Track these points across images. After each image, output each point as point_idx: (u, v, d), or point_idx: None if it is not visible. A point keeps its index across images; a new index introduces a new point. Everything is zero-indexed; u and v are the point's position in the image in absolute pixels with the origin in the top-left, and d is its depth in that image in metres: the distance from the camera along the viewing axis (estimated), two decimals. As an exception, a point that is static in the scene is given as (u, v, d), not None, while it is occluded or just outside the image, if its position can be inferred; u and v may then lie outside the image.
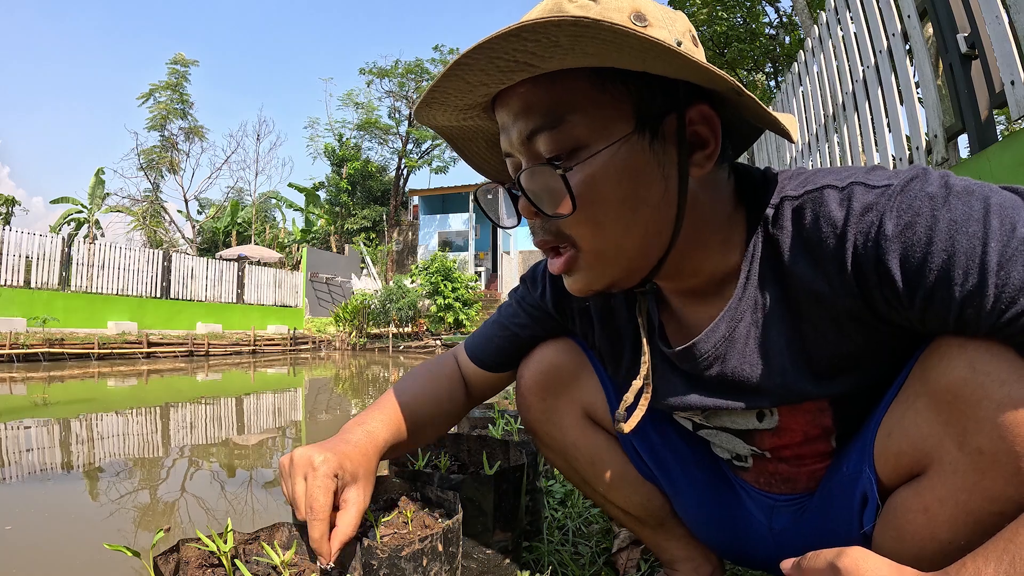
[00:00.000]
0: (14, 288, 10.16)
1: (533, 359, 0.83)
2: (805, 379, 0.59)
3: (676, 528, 0.86)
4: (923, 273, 0.45)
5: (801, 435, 0.66)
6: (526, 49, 0.46)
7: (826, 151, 4.05)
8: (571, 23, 0.43)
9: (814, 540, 0.69)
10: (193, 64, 24.09)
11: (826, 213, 0.52)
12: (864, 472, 0.58)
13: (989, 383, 0.43)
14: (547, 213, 0.55)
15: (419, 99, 0.57)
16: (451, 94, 0.55)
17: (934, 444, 0.48)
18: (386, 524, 0.80)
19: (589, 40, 0.44)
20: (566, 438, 0.83)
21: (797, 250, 0.55)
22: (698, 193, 0.57)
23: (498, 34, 0.45)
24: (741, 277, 0.59)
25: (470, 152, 0.69)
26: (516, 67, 0.49)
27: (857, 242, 0.49)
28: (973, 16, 2.21)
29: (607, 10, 0.50)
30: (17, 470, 2.64)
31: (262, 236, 25.26)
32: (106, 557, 1.58)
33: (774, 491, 0.72)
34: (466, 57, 0.48)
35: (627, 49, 0.45)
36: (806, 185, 0.55)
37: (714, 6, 13.91)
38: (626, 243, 0.56)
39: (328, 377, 8.25)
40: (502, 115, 0.56)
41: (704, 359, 0.63)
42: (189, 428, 3.94)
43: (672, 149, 0.54)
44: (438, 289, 14.35)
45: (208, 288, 14.05)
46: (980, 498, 0.44)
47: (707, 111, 0.54)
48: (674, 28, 0.53)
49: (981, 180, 0.48)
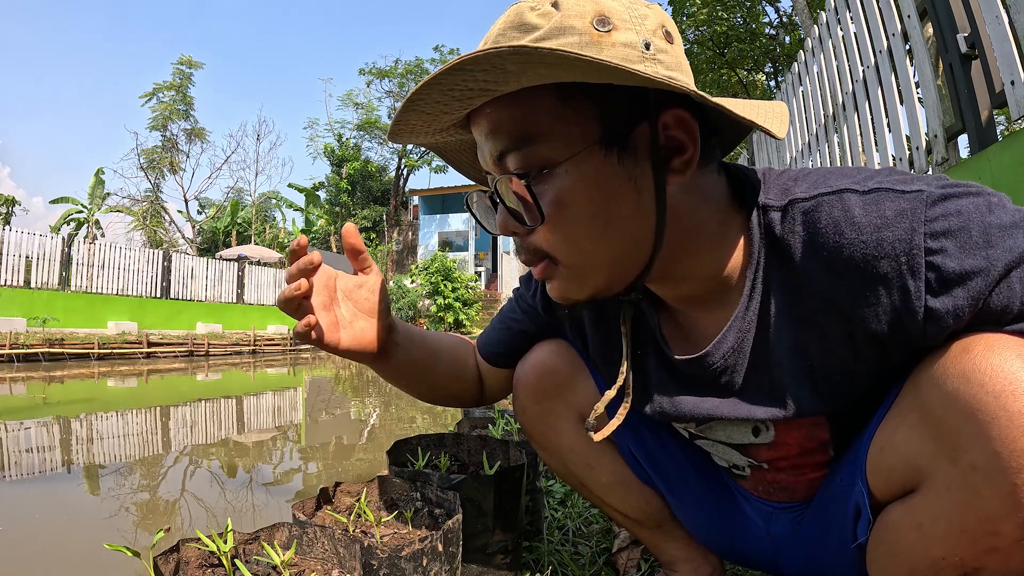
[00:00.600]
0: (14, 288, 10.16)
1: (528, 362, 0.82)
2: (805, 394, 0.57)
3: (675, 530, 0.85)
4: (971, 277, 0.45)
5: (797, 448, 0.65)
6: (476, 79, 0.46)
7: (826, 151, 4.05)
8: (511, 52, 0.42)
9: (812, 547, 0.69)
10: (199, 67, 24.13)
11: (848, 218, 0.49)
12: (857, 486, 0.57)
13: (983, 395, 0.41)
14: (519, 229, 0.56)
15: (390, 130, 0.58)
16: (416, 124, 0.56)
17: (927, 460, 0.46)
18: (386, 524, 0.80)
19: (536, 65, 0.44)
20: (562, 441, 0.83)
21: (811, 256, 0.52)
22: (681, 199, 0.55)
23: (442, 70, 0.46)
24: (747, 285, 0.57)
25: (458, 162, 0.68)
26: (473, 94, 0.49)
27: (892, 250, 0.47)
28: (973, 16, 2.21)
29: (568, 17, 0.48)
30: (17, 470, 2.64)
31: (262, 236, 25.25)
32: (106, 557, 1.58)
33: (773, 499, 0.72)
34: (417, 94, 0.49)
35: (578, 69, 0.44)
36: (819, 187, 0.53)
37: (714, 6, 13.90)
38: (600, 256, 0.55)
39: (328, 377, 8.25)
40: (475, 133, 0.56)
41: (712, 370, 0.61)
42: (189, 428, 3.94)
43: (645, 159, 0.52)
44: (438, 289, 14.35)
45: (208, 288, 14.05)
46: (975, 516, 0.42)
47: (681, 115, 0.52)
48: (643, 27, 0.50)
49: (981, 180, 0.48)
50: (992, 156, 2.04)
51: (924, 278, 0.46)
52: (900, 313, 0.48)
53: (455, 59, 0.45)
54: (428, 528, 0.78)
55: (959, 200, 0.46)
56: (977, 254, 0.45)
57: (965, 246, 0.45)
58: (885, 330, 0.50)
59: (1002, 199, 0.47)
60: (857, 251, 0.49)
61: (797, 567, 0.74)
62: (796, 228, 0.53)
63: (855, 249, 0.49)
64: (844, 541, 0.60)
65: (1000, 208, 0.46)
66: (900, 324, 0.49)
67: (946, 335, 0.47)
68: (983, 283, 0.44)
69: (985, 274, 0.44)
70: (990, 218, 0.45)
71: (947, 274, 0.45)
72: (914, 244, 0.46)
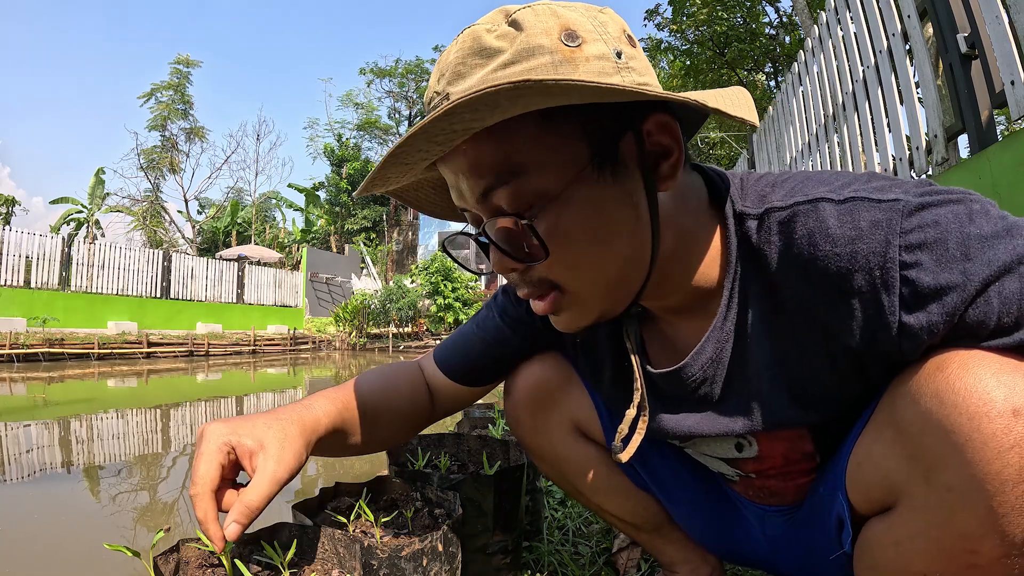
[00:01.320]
0: (14, 288, 10.16)
1: (522, 374, 0.81)
2: (784, 406, 0.56)
3: (673, 532, 0.86)
4: (947, 292, 0.43)
5: (782, 460, 0.65)
6: (463, 119, 0.44)
7: (826, 151, 4.05)
8: (511, 89, 0.40)
9: (805, 548, 0.69)
10: (196, 65, 24.15)
11: (823, 229, 0.48)
12: (838, 498, 0.56)
13: (956, 416, 0.40)
14: (520, 264, 0.53)
15: (360, 187, 0.55)
16: (391, 177, 0.53)
17: (902, 479, 0.45)
18: (386, 524, 0.80)
19: (533, 95, 0.42)
20: (557, 451, 0.82)
21: (787, 267, 0.51)
22: (670, 205, 0.54)
23: (432, 119, 0.43)
24: (724, 294, 0.56)
25: (417, 200, 0.65)
26: (455, 136, 0.46)
27: (866, 263, 0.45)
28: (973, 16, 2.21)
29: (533, 36, 0.45)
30: (17, 470, 2.64)
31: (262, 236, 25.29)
32: (106, 557, 1.58)
33: (764, 502, 0.72)
34: (401, 147, 0.46)
35: (577, 94, 0.42)
36: (795, 195, 0.51)
37: (714, 6, 13.91)
38: (607, 276, 0.53)
39: (328, 377, 8.25)
40: (446, 172, 0.53)
41: (691, 382, 0.61)
42: (189, 428, 3.94)
43: (635, 169, 0.50)
44: (438, 289, 14.36)
45: (208, 288, 14.05)
46: (952, 536, 0.42)
47: (663, 119, 0.50)
48: (608, 36, 0.48)
49: (981, 181, 0.47)
50: (992, 156, 2.04)
51: (899, 293, 0.44)
52: (874, 328, 0.47)
53: (446, 106, 0.42)
54: (428, 528, 0.78)
55: (937, 209, 0.44)
56: (954, 268, 0.43)
57: (941, 259, 0.43)
58: (860, 343, 0.48)
59: (985, 206, 0.45)
60: (831, 264, 0.47)
61: (793, 566, 0.75)
62: (772, 238, 0.52)
63: (829, 262, 0.47)
64: (832, 546, 0.60)
65: (982, 216, 0.44)
66: (874, 338, 0.47)
67: (922, 350, 0.46)
68: (959, 298, 0.42)
69: (961, 289, 0.42)
70: (969, 228, 0.43)
71: (922, 289, 0.43)
72: (888, 257, 0.44)
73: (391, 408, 0.79)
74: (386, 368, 0.83)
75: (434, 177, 0.60)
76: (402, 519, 0.82)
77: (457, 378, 0.81)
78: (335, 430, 0.70)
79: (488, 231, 0.52)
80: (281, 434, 0.60)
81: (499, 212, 0.50)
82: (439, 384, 0.83)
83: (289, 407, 0.67)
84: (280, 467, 0.58)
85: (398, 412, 0.80)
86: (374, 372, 0.82)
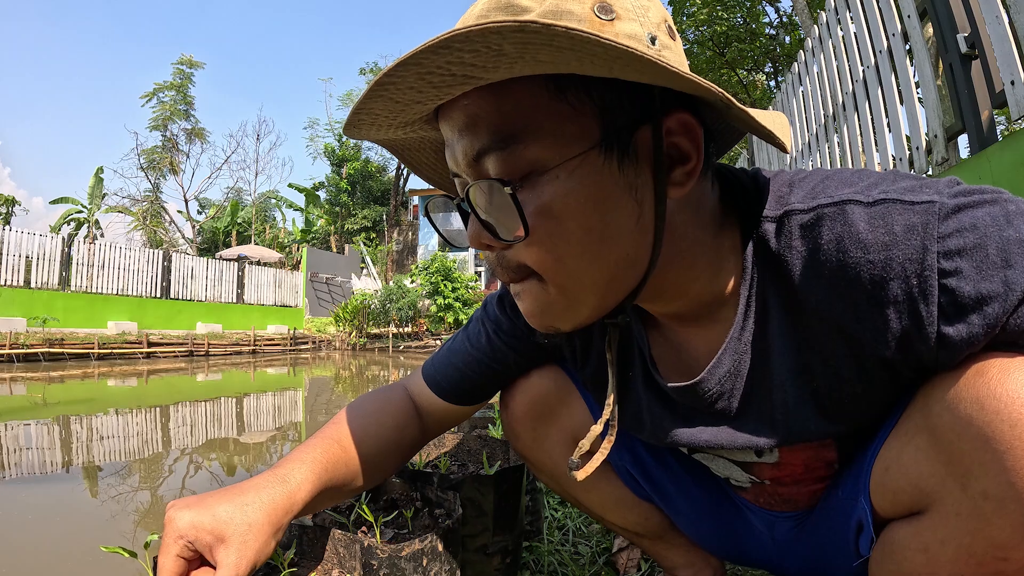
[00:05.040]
0: (14, 288, 10.15)
1: (520, 388, 0.79)
2: (810, 417, 0.54)
3: (675, 538, 0.85)
4: (988, 302, 0.41)
5: (803, 468, 0.63)
6: (463, 61, 0.38)
7: (826, 151, 4.05)
8: (515, 29, 0.35)
9: (815, 551, 0.68)
10: (199, 67, 24.16)
11: (853, 234, 0.44)
12: (860, 503, 0.55)
13: (998, 423, 0.39)
14: (494, 243, 0.48)
15: (346, 120, 0.48)
16: (380, 114, 0.47)
17: (935, 484, 0.44)
18: (386, 524, 0.80)
19: (540, 47, 0.36)
20: (556, 466, 0.80)
21: (812, 274, 0.48)
22: (678, 213, 0.49)
23: (425, 47, 0.37)
24: (741, 304, 0.53)
25: (417, 162, 0.60)
26: (454, 81, 0.41)
27: (902, 271, 0.43)
28: (973, 16, 2.21)
29: (565, 0, 0.42)
30: (16, 470, 2.64)
31: (262, 236, 25.29)
32: (105, 557, 1.58)
33: (774, 509, 0.71)
34: (389, 76, 0.40)
35: (588, 57, 0.37)
36: (817, 197, 0.48)
37: (714, 6, 13.91)
38: (593, 273, 0.48)
39: (328, 377, 8.25)
40: (445, 129, 0.48)
41: (708, 396, 0.57)
42: (189, 428, 3.94)
43: (646, 167, 0.46)
44: (438, 289, 14.35)
45: (208, 288, 14.04)
46: (984, 543, 0.41)
47: (687, 120, 0.46)
48: (647, 19, 0.45)
49: (981, 181, 0.47)
50: (992, 156, 2.04)
51: (937, 302, 0.42)
52: (911, 339, 0.45)
53: (440, 35, 0.36)
54: (428, 528, 0.78)
55: (974, 211, 0.42)
56: (995, 276, 0.41)
57: (982, 266, 0.41)
58: (895, 354, 0.46)
59: (1020, 206, 0.43)
60: (863, 272, 0.44)
61: (800, 568, 0.74)
62: (793, 243, 0.49)
63: (861, 269, 0.44)
64: (845, 551, 0.60)
65: (1019, 218, 0.42)
66: (911, 349, 0.45)
67: (960, 360, 0.44)
68: (1000, 309, 0.41)
69: (1003, 299, 0.40)
70: (1008, 232, 0.41)
71: (962, 299, 0.41)
72: (926, 264, 0.42)
73: (380, 449, 0.74)
74: (368, 402, 0.78)
75: (437, 139, 0.56)
76: (402, 519, 0.82)
77: (449, 398, 0.77)
78: (320, 493, 0.66)
79: (470, 197, 0.47)
80: (244, 525, 0.56)
81: (485, 176, 0.46)
82: (428, 404, 0.79)
83: (264, 481, 0.62)
84: (242, 562, 0.55)
85: (387, 450, 0.75)
86: (356, 410, 0.76)
